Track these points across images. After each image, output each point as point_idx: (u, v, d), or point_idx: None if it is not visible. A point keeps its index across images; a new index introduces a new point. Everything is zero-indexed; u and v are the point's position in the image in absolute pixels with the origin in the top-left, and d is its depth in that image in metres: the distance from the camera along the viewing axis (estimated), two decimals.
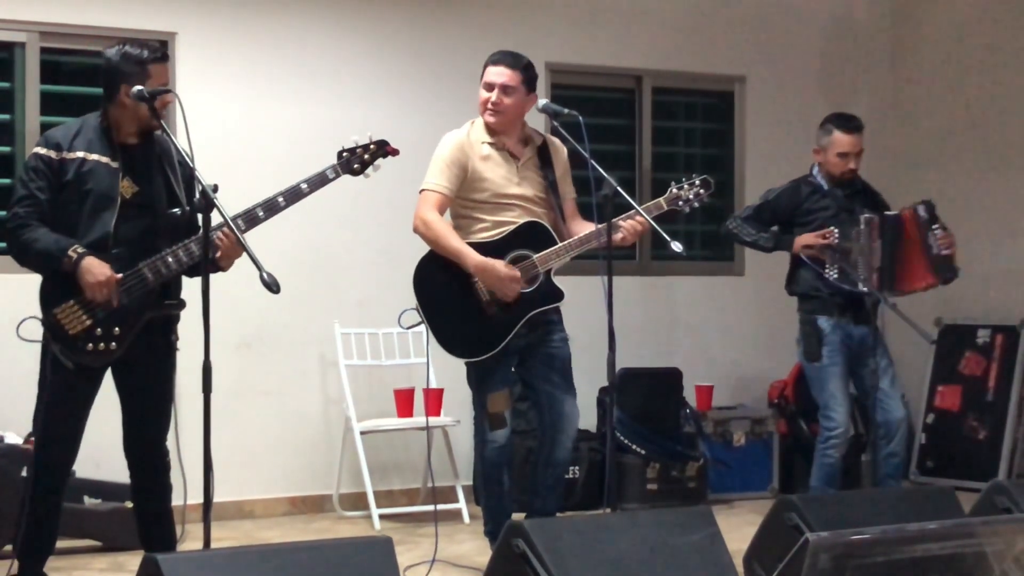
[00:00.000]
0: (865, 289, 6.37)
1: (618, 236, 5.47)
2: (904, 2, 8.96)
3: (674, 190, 5.64)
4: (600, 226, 5.36)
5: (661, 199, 5.64)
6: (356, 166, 5.14)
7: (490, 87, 5.60)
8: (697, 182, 5.63)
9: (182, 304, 4.95)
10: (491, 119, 5.61)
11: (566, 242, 5.56)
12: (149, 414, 4.93)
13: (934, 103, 8.79)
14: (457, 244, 5.50)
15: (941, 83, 8.76)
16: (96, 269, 4.71)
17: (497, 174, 5.60)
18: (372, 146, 5.18)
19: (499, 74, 5.60)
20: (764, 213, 6.65)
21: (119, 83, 4.86)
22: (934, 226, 6.56)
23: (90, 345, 4.78)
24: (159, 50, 4.95)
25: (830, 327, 6.49)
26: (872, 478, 6.54)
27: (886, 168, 8.69)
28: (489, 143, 5.62)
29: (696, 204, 5.65)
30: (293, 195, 4.95)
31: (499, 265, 5.48)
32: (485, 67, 5.64)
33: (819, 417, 6.60)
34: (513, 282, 5.47)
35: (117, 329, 4.80)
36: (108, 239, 4.78)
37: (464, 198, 5.60)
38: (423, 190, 5.60)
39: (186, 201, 4.90)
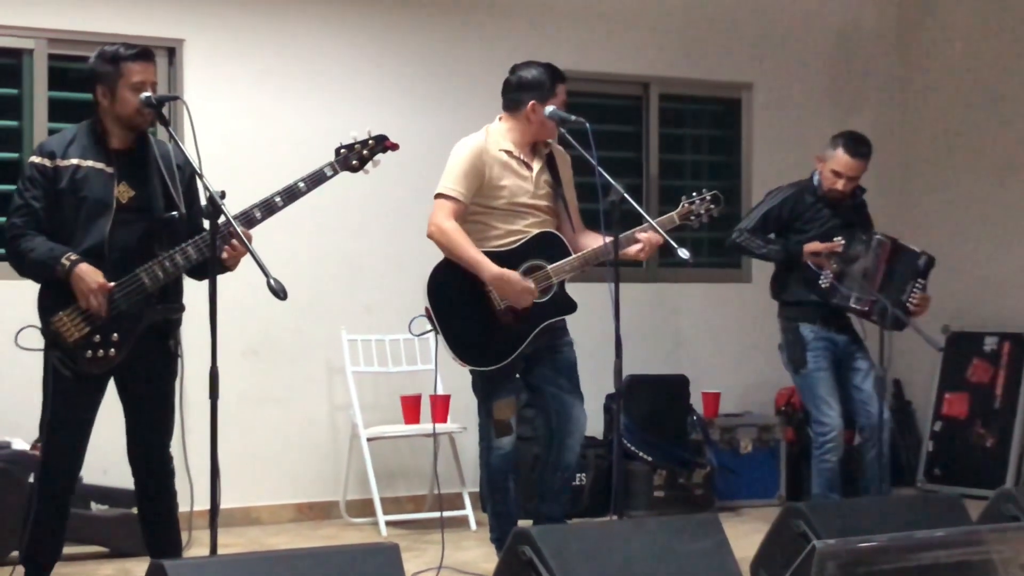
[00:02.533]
0: (857, 307, 6.36)
1: (633, 250, 5.49)
2: (911, 11, 8.96)
3: (686, 204, 5.66)
4: (612, 239, 5.34)
5: (674, 214, 5.66)
6: (355, 162, 5.02)
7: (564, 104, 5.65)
8: (708, 197, 5.66)
9: (182, 309, 4.93)
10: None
11: (580, 254, 5.55)
12: (151, 420, 4.91)
13: (940, 111, 8.79)
14: (474, 254, 5.47)
15: (947, 91, 8.75)
16: (88, 276, 4.68)
17: (513, 182, 5.59)
18: (371, 141, 5.06)
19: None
20: (768, 222, 6.63)
21: (95, 84, 4.85)
22: (920, 280, 6.51)
23: (89, 352, 4.75)
24: (136, 48, 4.86)
25: (813, 335, 6.50)
26: (860, 482, 6.58)
27: (893, 175, 8.70)
28: (506, 150, 5.61)
29: (706, 219, 5.69)
30: (290, 194, 4.87)
31: (515, 277, 5.46)
32: (558, 84, 5.63)
33: (811, 423, 6.62)
34: (528, 294, 5.47)
35: (116, 336, 4.77)
36: (103, 245, 4.75)
37: (479, 204, 5.58)
38: (440, 196, 5.56)
39: (187, 206, 4.86)
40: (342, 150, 5.03)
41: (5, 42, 6.75)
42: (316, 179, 4.93)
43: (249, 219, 4.81)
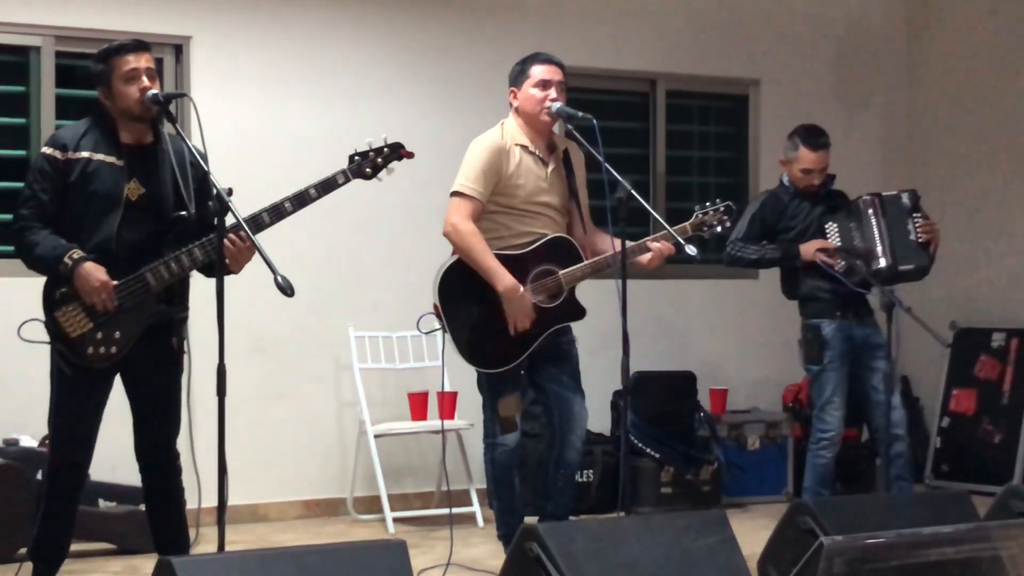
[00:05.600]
0: (881, 267, 6.39)
1: (645, 258, 5.50)
2: (919, 7, 8.95)
3: (699, 215, 5.64)
4: (630, 244, 5.34)
5: (687, 224, 5.63)
6: (368, 170, 4.99)
7: (547, 84, 5.54)
8: (721, 208, 5.63)
9: (186, 310, 4.92)
10: (549, 118, 5.58)
11: (591, 261, 5.54)
12: (157, 417, 4.91)
13: (948, 108, 8.78)
14: (491, 263, 5.42)
15: (955, 88, 8.74)
16: (91, 275, 4.68)
17: (529, 180, 5.55)
18: (386, 149, 5.02)
19: (556, 72, 5.57)
20: (754, 228, 6.67)
21: (97, 87, 4.87)
22: (915, 214, 6.55)
23: (90, 349, 4.75)
24: (125, 41, 4.87)
25: (832, 331, 6.51)
26: (884, 481, 6.55)
27: (900, 171, 8.69)
28: (522, 146, 5.58)
29: (719, 230, 5.66)
30: (300, 200, 4.86)
31: (525, 298, 5.43)
32: (531, 66, 5.57)
33: (813, 418, 6.63)
34: (527, 319, 5.43)
35: (117, 333, 4.76)
36: (111, 242, 4.75)
37: (495, 203, 5.53)
38: (458, 193, 5.50)
39: (198, 204, 4.85)
40: (356, 158, 4.99)
41: (12, 39, 6.77)
42: (327, 186, 4.91)
43: (258, 223, 4.80)
